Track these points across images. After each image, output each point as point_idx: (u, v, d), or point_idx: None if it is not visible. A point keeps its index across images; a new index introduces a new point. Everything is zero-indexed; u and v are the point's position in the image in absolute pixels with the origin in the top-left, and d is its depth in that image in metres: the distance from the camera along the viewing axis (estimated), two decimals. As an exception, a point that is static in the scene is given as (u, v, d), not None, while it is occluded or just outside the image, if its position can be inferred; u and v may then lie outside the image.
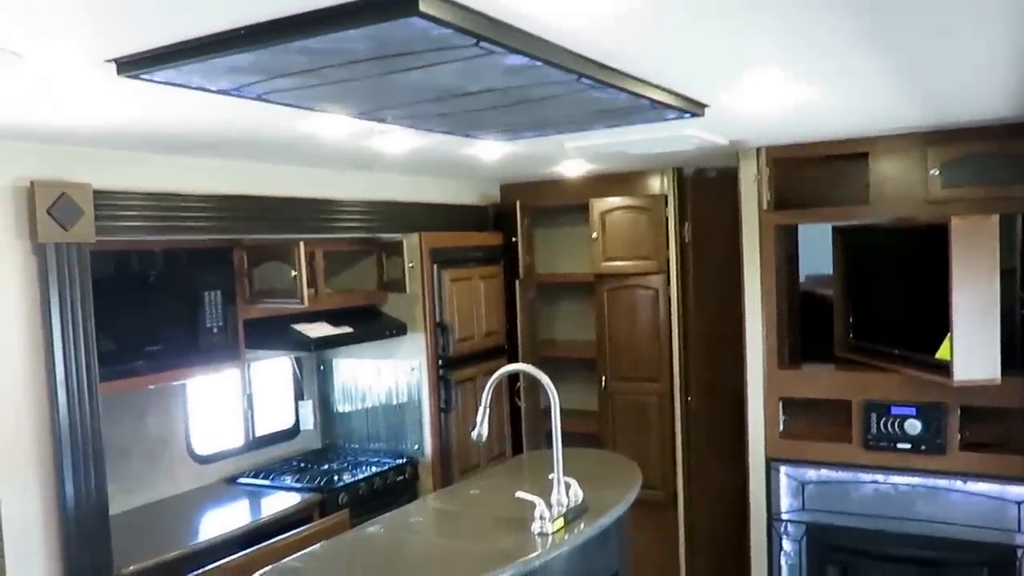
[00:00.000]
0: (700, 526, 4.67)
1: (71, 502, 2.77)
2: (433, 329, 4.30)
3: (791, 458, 3.78)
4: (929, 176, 3.48)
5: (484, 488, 3.19)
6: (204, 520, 3.56)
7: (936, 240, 3.12)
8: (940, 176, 3.46)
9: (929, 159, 3.48)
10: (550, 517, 2.52)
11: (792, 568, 3.78)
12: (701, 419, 4.65)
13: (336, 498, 3.73)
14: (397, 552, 2.49)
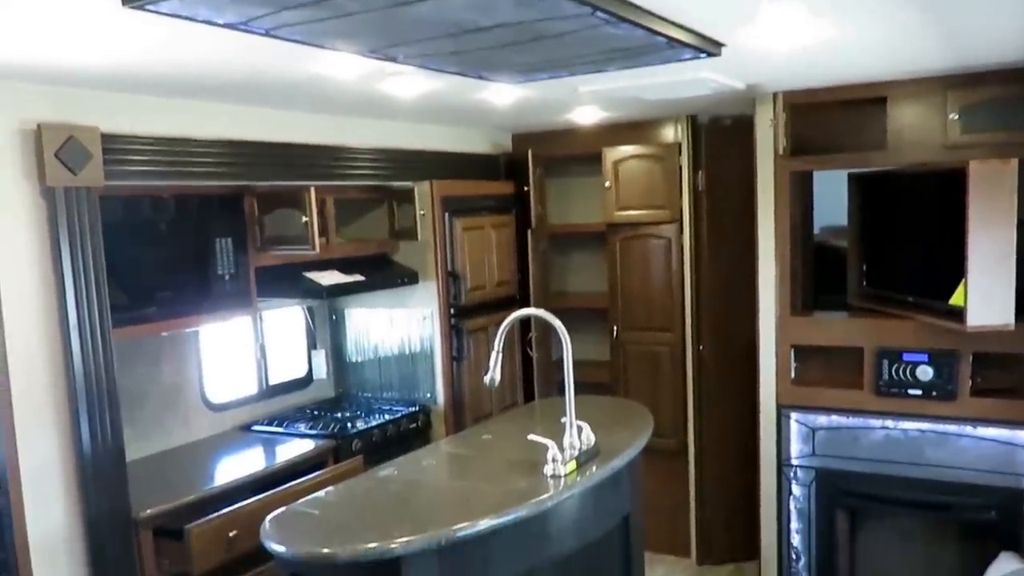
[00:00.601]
0: (710, 473, 4.70)
1: (88, 447, 2.79)
2: (445, 278, 4.29)
3: (802, 405, 3.78)
4: (948, 121, 3.42)
5: (496, 433, 3.21)
6: (219, 466, 3.60)
7: (953, 186, 3.07)
8: (959, 121, 3.40)
9: (948, 104, 3.42)
10: (562, 460, 2.53)
11: (801, 513, 3.80)
12: (712, 368, 4.65)
13: (350, 444, 3.76)
14: (411, 494, 2.51)
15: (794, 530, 3.83)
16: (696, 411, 4.68)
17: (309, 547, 2.05)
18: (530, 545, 2.43)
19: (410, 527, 2.15)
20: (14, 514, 2.63)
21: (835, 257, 4.13)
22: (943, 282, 3.20)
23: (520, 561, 2.40)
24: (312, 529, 2.21)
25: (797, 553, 3.83)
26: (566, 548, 2.58)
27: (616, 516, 2.93)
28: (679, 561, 4.80)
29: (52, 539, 2.76)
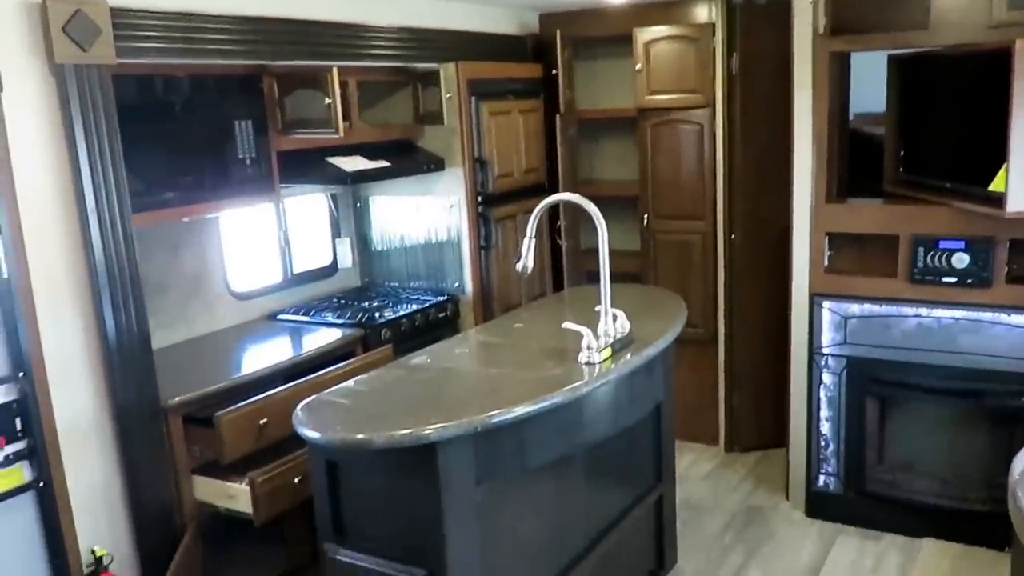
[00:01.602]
0: (740, 362, 4.66)
1: (112, 333, 2.76)
2: (472, 164, 4.17)
3: (834, 293, 3.70)
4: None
5: (528, 321, 3.16)
6: (247, 354, 3.59)
7: (997, 67, 2.90)
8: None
9: (994, -19, 3.20)
10: (597, 347, 2.48)
11: (831, 400, 3.77)
12: (744, 257, 4.55)
13: (379, 334, 3.73)
14: (444, 381, 2.48)
15: (823, 418, 3.81)
16: (727, 300, 4.61)
17: (344, 433, 2.02)
18: (564, 432, 2.40)
19: (445, 414, 2.11)
20: (40, 402, 2.62)
21: (868, 145, 3.99)
22: (983, 168, 3.08)
23: (554, 448, 2.38)
24: (346, 416, 2.18)
25: (826, 440, 3.82)
26: (600, 435, 2.56)
27: (649, 404, 2.90)
28: (707, 448, 4.83)
29: (80, 427, 2.77)
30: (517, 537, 2.49)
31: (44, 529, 2.72)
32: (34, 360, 2.61)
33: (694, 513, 4.08)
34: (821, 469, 3.87)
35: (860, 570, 3.53)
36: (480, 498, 2.22)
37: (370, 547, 2.24)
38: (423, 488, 2.10)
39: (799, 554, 3.68)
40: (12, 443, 2.60)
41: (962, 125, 3.38)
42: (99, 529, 2.85)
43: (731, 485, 4.39)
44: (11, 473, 2.62)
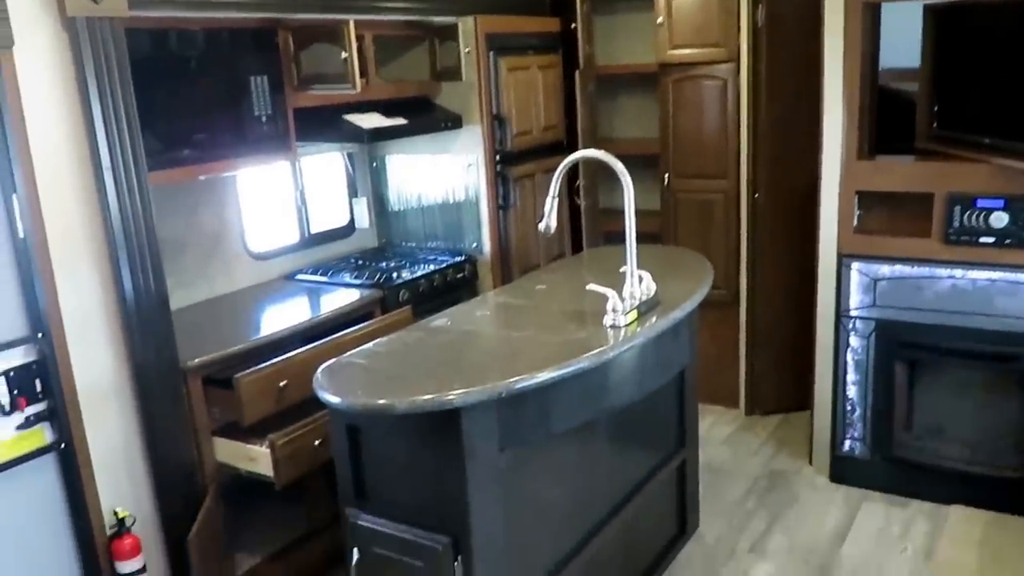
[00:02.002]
0: (762, 323, 4.59)
1: (130, 293, 2.72)
2: (490, 122, 4.08)
3: (864, 254, 3.60)
4: (1045, -60, 3.07)
5: (550, 283, 3.09)
6: (266, 315, 3.55)
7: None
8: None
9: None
10: (623, 310, 2.41)
11: (859, 364, 3.70)
12: (768, 217, 4.45)
13: (397, 295, 3.68)
14: (466, 344, 2.42)
15: (850, 382, 3.74)
16: (749, 261, 4.53)
17: (365, 398, 1.98)
18: (589, 397, 2.35)
19: (468, 378, 2.06)
20: (59, 362, 2.60)
21: (896, 101, 3.86)
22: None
23: (579, 413, 2.33)
24: (367, 380, 2.13)
25: (852, 405, 3.76)
26: (625, 400, 2.50)
27: (675, 368, 2.84)
28: (727, 411, 4.78)
29: (100, 387, 2.74)
30: (540, 503, 2.45)
31: (66, 491, 2.71)
32: (52, 321, 2.58)
33: (715, 477, 4.04)
34: (847, 434, 3.81)
35: (887, 537, 3.48)
36: (503, 464, 2.18)
37: (392, 512, 2.21)
38: (446, 454, 2.06)
39: (824, 520, 3.64)
40: (33, 404, 2.59)
41: (1002, 77, 3.23)
42: (121, 490, 2.84)
43: (752, 449, 4.35)
44: (33, 435, 2.60)
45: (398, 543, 2.18)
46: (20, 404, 2.55)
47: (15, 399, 2.54)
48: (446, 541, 2.10)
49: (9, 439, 2.55)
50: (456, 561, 2.11)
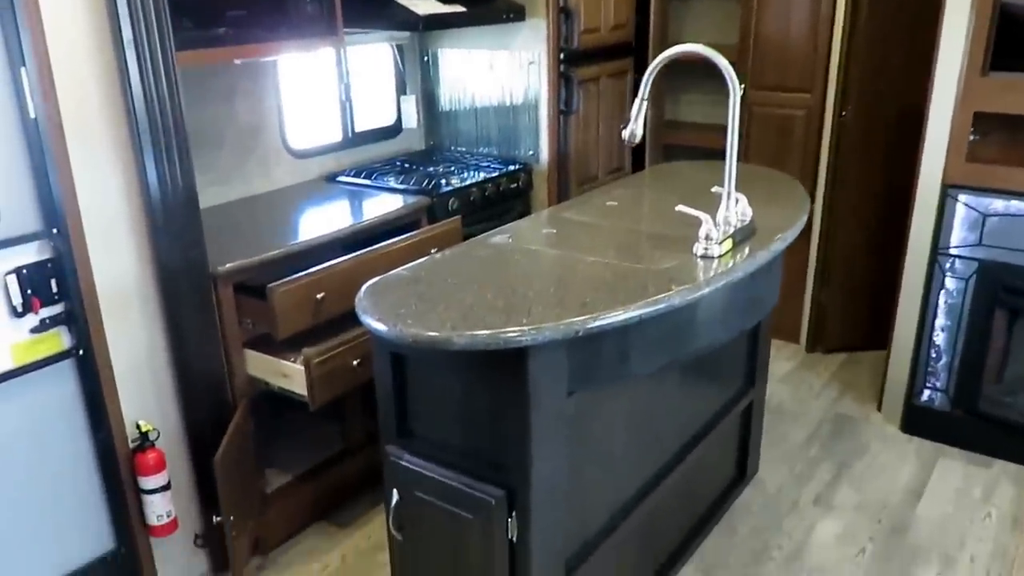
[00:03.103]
0: (834, 256, 4.22)
1: (155, 188, 2.43)
2: (556, 15, 3.68)
3: (974, 186, 3.19)
4: None
5: (621, 200, 2.74)
6: (304, 219, 3.26)
7: None
8: None
9: None
10: (717, 238, 2.07)
11: (952, 308, 3.34)
12: (855, 138, 4.03)
13: (446, 203, 3.37)
14: (533, 268, 2.11)
15: (939, 327, 3.39)
16: (828, 186, 4.13)
17: (417, 329, 1.68)
18: (673, 338, 2.03)
19: (539, 310, 1.75)
20: (78, 261, 2.33)
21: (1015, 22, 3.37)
22: None
23: (660, 355, 2.02)
24: (417, 305, 1.83)
25: (938, 352, 3.41)
26: (713, 341, 2.19)
27: (767, 306, 2.51)
28: (786, 346, 4.47)
29: (121, 291, 2.48)
30: (604, 453, 2.18)
31: (85, 400, 2.49)
32: (69, 215, 2.31)
33: (774, 418, 3.75)
34: (927, 383, 3.48)
35: (968, 500, 3.18)
36: (571, 411, 1.89)
37: (439, 456, 1.94)
38: (506, 397, 1.77)
39: (897, 474, 3.35)
40: (48, 307, 2.34)
41: None
42: (145, 403, 2.62)
43: (814, 390, 4.04)
44: (48, 338, 2.37)
45: (444, 490, 1.92)
46: (34, 305, 2.30)
47: (28, 300, 2.29)
48: (500, 495, 1.83)
49: (24, 342, 2.32)
50: (511, 517, 1.84)
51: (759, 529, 3.04)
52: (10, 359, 2.28)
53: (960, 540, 2.95)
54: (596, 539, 2.23)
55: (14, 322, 2.28)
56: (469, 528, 1.92)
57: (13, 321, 2.28)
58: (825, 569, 2.83)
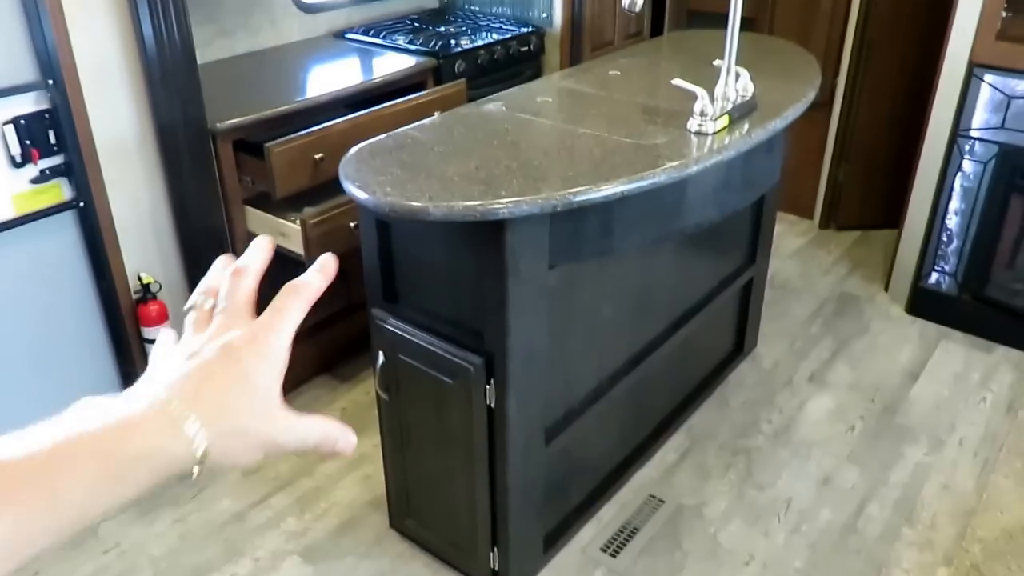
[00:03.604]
0: (855, 132, 4.10)
1: (151, 41, 2.40)
2: None
3: (1002, 65, 3.04)
4: None
5: (625, 69, 2.66)
6: (308, 76, 3.21)
7: None
8: None
9: None
10: (712, 114, 2.01)
11: (967, 192, 3.26)
12: (885, 10, 3.84)
13: (453, 65, 3.29)
14: (521, 137, 2.07)
15: (952, 210, 3.32)
16: (853, 60, 3.97)
17: (395, 198, 1.67)
18: (660, 215, 2.01)
19: (519, 183, 1.73)
20: (74, 112, 2.34)
21: None
22: None
23: (646, 232, 2.01)
24: (400, 173, 1.82)
25: (950, 235, 3.36)
26: (702, 220, 2.16)
27: (763, 186, 2.46)
28: (799, 222, 4.42)
29: (121, 144, 2.50)
30: (591, 324, 2.20)
31: (88, 252, 2.56)
32: (64, 65, 2.29)
33: (779, 294, 3.75)
34: (936, 265, 3.44)
35: (965, 383, 3.20)
36: (553, 283, 1.90)
37: (423, 322, 1.97)
38: (486, 268, 1.78)
39: (896, 355, 3.36)
40: (47, 158, 2.37)
41: None
42: (147, 256, 2.68)
43: (823, 266, 4.02)
44: (49, 189, 2.41)
45: (427, 355, 1.96)
46: (33, 156, 2.33)
47: (27, 150, 2.31)
48: (479, 362, 1.87)
49: (24, 192, 2.36)
50: (488, 384, 1.89)
51: (751, 403, 3.09)
52: (12, 208, 2.32)
53: (951, 423, 2.99)
54: (580, 408, 2.29)
55: (14, 172, 2.31)
56: (450, 393, 1.97)
57: (13, 171, 2.30)
58: (812, 444, 2.90)
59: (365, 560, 2.44)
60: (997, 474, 2.76)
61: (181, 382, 0.53)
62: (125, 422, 0.50)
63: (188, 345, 0.57)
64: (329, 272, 0.63)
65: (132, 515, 2.59)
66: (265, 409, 0.56)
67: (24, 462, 0.46)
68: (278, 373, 0.57)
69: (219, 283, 0.62)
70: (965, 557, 2.45)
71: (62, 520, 0.47)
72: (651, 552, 2.48)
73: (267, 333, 0.58)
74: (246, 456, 0.55)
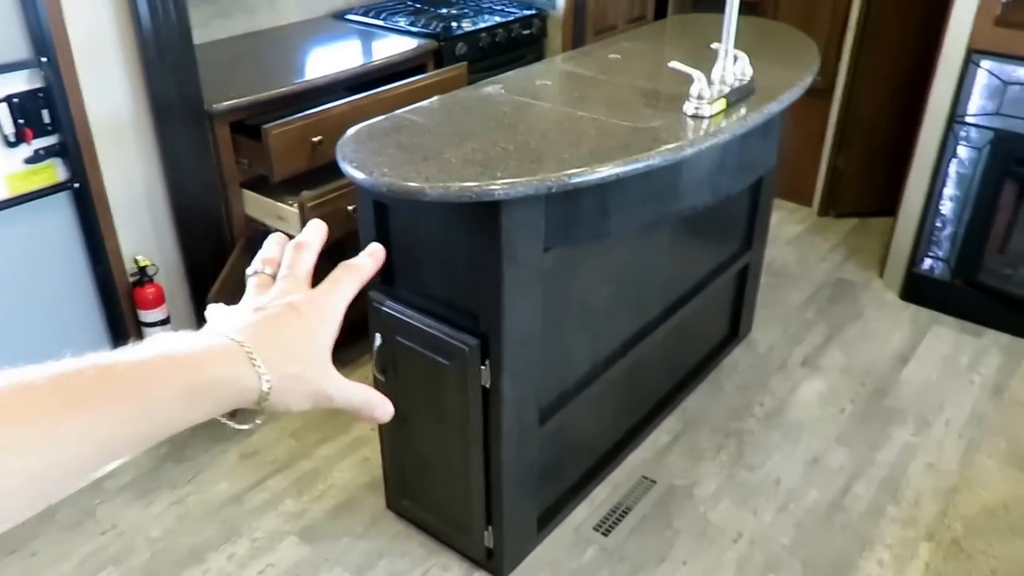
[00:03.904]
0: (856, 119, 4.11)
1: (147, 20, 2.40)
2: None
3: (1000, 51, 3.04)
4: None
5: (626, 53, 2.66)
6: (307, 58, 3.21)
7: None
8: None
9: None
10: (709, 97, 2.02)
11: (963, 178, 3.27)
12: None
13: (453, 48, 3.29)
14: (519, 120, 2.07)
15: (947, 196, 3.33)
16: (855, 46, 3.97)
17: (392, 178, 1.68)
18: (656, 198, 2.02)
19: (515, 164, 1.74)
20: (69, 91, 2.34)
21: None
22: None
23: (641, 215, 2.02)
24: (397, 154, 1.83)
25: (944, 221, 3.37)
26: (697, 203, 2.17)
27: (759, 170, 2.47)
28: (798, 209, 4.43)
29: (116, 125, 2.50)
30: (586, 305, 2.21)
31: (84, 234, 2.56)
32: (58, 42, 2.30)
33: (776, 280, 3.77)
34: (929, 251, 3.46)
35: (954, 367, 3.22)
36: (548, 265, 1.91)
37: (420, 304, 1.99)
38: (482, 249, 1.79)
39: (888, 339, 3.39)
40: (41, 137, 2.37)
41: None
42: (143, 238, 2.68)
43: (820, 253, 4.03)
44: (43, 170, 2.41)
45: (423, 336, 1.98)
46: (26, 135, 2.33)
47: (20, 129, 2.32)
48: (474, 343, 1.89)
49: (18, 172, 2.36)
50: (483, 365, 1.90)
51: (744, 387, 3.12)
52: (5, 189, 2.32)
53: (939, 405, 3.02)
54: (574, 390, 2.31)
55: (8, 152, 2.31)
56: (446, 374, 1.99)
57: (6, 151, 2.31)
58: (803, 426, 2.92)
59: (362, 540, 2.47)
60: (981, 454, 2.79)
61: (251, 328, 0.59)
62: (207, 350, 0.55)
63: (254, 302, 0.63)
64: (379, 258, 0.71)
65: (129, 497, 2.61)
66: (321, 364, 0.62)
67: (131, 366, 0.51)
68: (332, 335, 0.64)
69: (276, 254, 0.69)
70: (947, 533, 2.49)
71: (146, 428, 0.52)
72: (642, 531, 2.50)
73: (326, 298, 0.65)
74: (299, 402, 0.61)
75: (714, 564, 2.40)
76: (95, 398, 0.49)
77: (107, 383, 0.50)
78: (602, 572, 2.37)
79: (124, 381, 0.50)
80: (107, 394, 0.49)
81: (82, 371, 0.49)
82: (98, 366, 0.50)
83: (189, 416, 0.54)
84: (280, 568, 2.38)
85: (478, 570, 2.36)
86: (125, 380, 0.51)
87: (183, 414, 0.53)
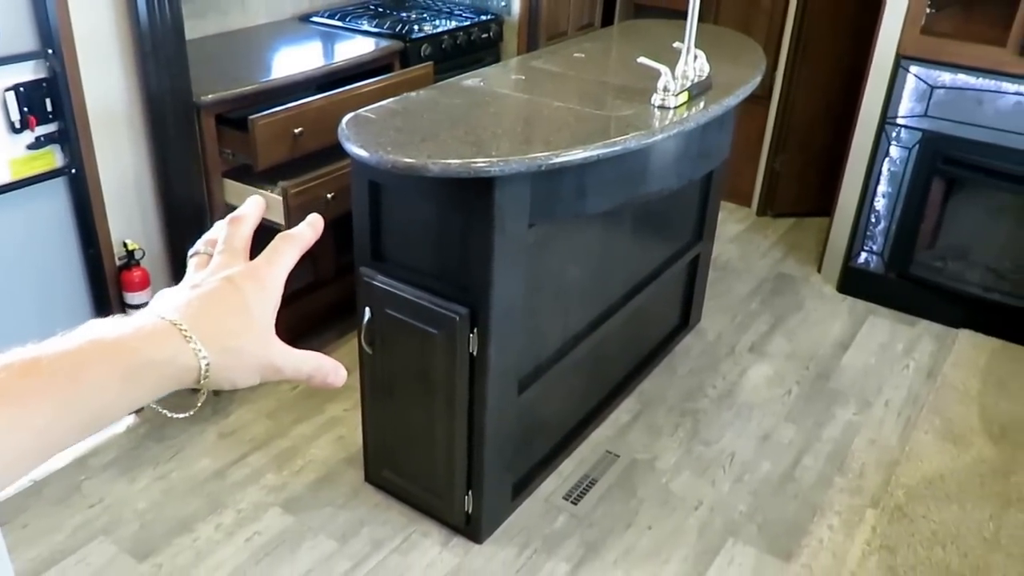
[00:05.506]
0: (792, 123, 4.38)
1: (144, 17, 2.51)
2: None
3: (926, 58, 3.32)
4: None
5: (589, 52, 2.86)
6: (280, 57, 3.33)
7: None
8: None
9: None
10: (674, 90, 2.22)
11: (894, 176, 3.55)
12: (821, 6, 4.12)
13: (418, 49, 3.45)
14: (504, 109, 2.25)
15: (880, 193, 3.61)
16: (791, 54, 4.25)
17: (395, 156, 1.83)
18: (627, 180, 2.22)
19: (507, 145, 1.91)
20: (71, 81, 2.44)
21: None
22: None
23: (614, 196, 2.21)
24: (396, 136, 1.98)
25: (877, 217, 3.65)
26: (663, 186, 2.37)
27: (716, 159, 2.69)
28: (738, 209, 4.68)
29: (112, 114, 2.60)
30: (559, 283, 2.39)
31: (77, 218, 2.65)
32: (64, 37, 2.40)
33: (721, 274, 4.00)
34: (864, 246, 3.73)
35: (890, 352, 3.49)
36: (531, 240, 2.08)
37: (410, 277, 2.13)
38: (474, 224, 1.95)
39: (828, 328, 3.64)
40: (43, 125, 2.46)
41: None
42: (131, 223, 2.78)
43: (761, 250, 4.29)
44: (43, 156, 2.50)
45: (413, 308, 2.13)
46: (30, 123, 2.42)
47: (25, 117, 2.41)
48: (464, 312, 2.04)
49: (21, 157, 2.45)
50: (472, 332, 2.06)
51: (697, 371, 3.32)
52: (8, 173, 2.40)
53: (878, 387, 3.27)
54: (547, 364, 2.48)
55: (12, 138, 2.40)
56: (434, 342, 2.14)
57: (11, 137, 2.39)
58: (753, 406, 3.14)
59: (344, 510, 2.59)
60: (918, 430, 3.03)
61: (184, 306, 0.58)
62: (138, 332, 0.55)
63: (191, 279, 0.63)
64: (318, 228, 0.70)
65: (113, 473, 2.68)
66: (262, 336, 0.61)
67: (56, 357, 0.51)
68: (273, 306, 0.63)
69: (219, 235, 0.68)
70: (890, 500, 2.72)
71: (84, 416, 0.52)
72: (609, 499, 2.68)
73: (264, 269, 0.64)
74: (245, 377, 0.60)
75: (677, 529, 2.59)
76: (19, 392, 0.49)
77: (31, 376, 0.49)
78: (573, 537, 2.54)
79: (51, 372, 0.50)
80: (32, 387, 0.49)
81: (8, 366, 0.49)
82: (24, 360, 0.50)
83: (128, 399, 0.54)
84: (267, 536, 2.49)
85: (457, 535, 2.50)
86: (52, 371, 0.50)
87: (119, 398, 0.53)
